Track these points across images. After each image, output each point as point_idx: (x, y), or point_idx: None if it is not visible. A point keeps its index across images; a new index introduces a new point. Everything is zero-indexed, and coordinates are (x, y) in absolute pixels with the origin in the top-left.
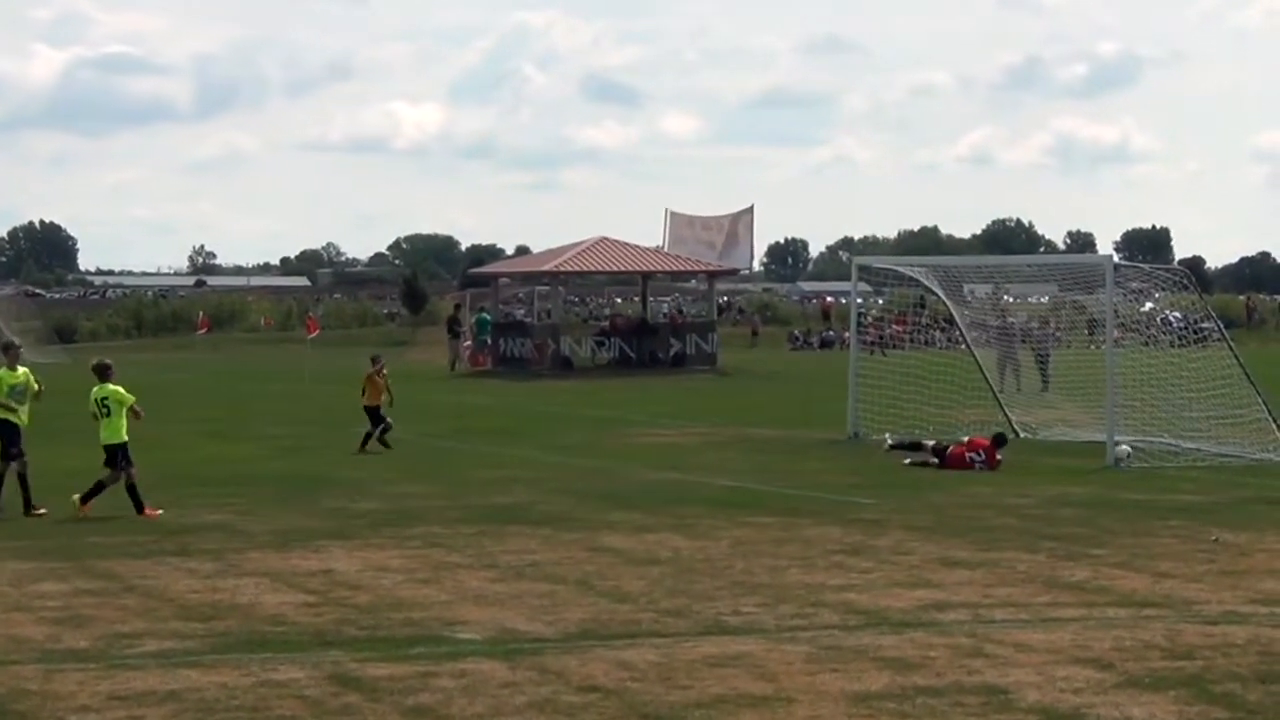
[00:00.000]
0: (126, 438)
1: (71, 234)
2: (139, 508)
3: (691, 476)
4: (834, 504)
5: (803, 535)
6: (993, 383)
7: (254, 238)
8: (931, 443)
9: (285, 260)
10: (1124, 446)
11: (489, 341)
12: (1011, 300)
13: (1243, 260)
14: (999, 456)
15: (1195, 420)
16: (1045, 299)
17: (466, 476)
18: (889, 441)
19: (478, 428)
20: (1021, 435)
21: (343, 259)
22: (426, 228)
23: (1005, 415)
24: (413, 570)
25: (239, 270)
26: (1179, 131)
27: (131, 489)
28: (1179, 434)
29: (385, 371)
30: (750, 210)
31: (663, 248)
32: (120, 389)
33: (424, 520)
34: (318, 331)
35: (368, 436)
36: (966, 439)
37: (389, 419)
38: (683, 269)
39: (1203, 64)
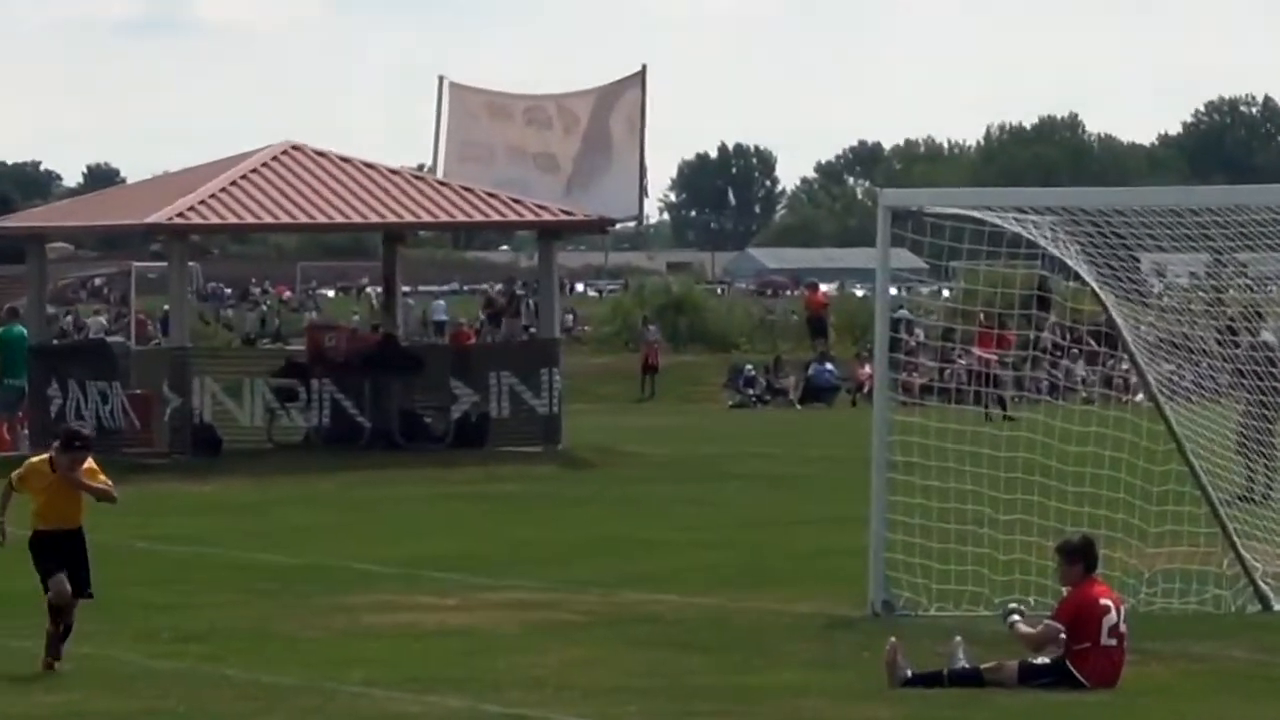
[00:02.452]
0: None
1: None
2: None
3: (508, 707)
4: None
5: None
6: (1215, 483)
7: None
8: (1013, 663)
9: None
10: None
11: (25, 391)
12: (1253, 289)
13: None
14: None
15: None
16: None
17: None
18: (906, 672)
19: (1, 593)
20: (1277, 607)
21: None
22: None
23: (1238, 555)
24: None
25: None
26: None
27: None
28: None
29: (89, 464)
30: (637, 79)
31: (432, 171)
32: None
33: None
34: None
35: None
36: (1046, 626)
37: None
38: (481, 219)
39: None
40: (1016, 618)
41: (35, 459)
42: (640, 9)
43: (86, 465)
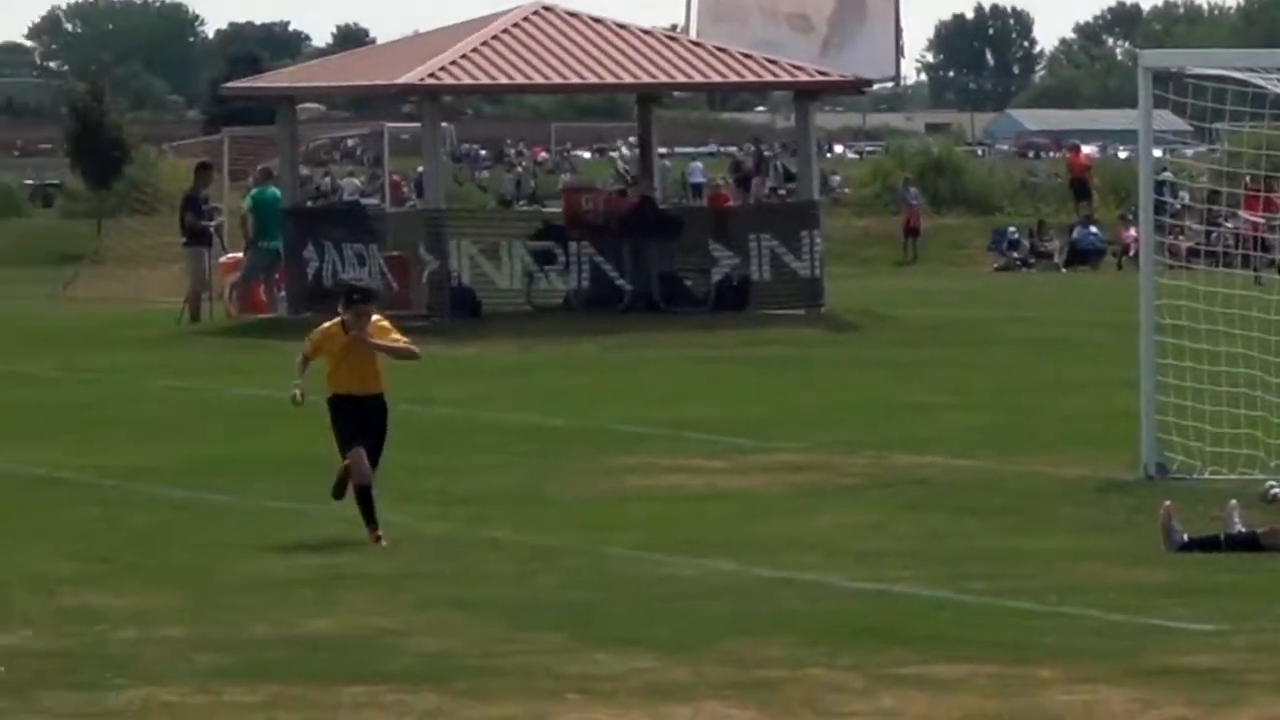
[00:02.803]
0: None
1: None
2: None
3: (780, 571)
4: (1118, 633)
5: (1044, 707)
6: None
7: None
8: None
9: None
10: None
11: (281, 253)
12: None
13: None
14: None
15: None
16: None
17: (220, 577)
18: (1182, 537)
19: (263, 456)
20: None
21: None
22: None
23: None
24: None
25: None
26: None
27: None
28: None
29: (378, 318)
30: None
31: (684, 31)
32: None
33: (137, 671)
34: None
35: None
36: None
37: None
38: (737, 80)
39: None
40: (1276, 490)
41: (327, 324)
42: None
43: (380, 323)
